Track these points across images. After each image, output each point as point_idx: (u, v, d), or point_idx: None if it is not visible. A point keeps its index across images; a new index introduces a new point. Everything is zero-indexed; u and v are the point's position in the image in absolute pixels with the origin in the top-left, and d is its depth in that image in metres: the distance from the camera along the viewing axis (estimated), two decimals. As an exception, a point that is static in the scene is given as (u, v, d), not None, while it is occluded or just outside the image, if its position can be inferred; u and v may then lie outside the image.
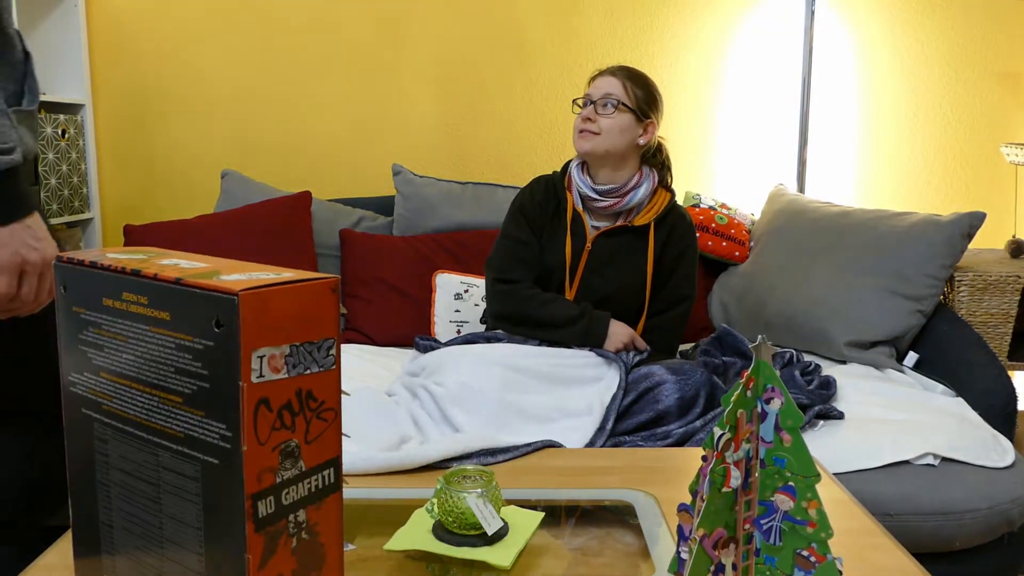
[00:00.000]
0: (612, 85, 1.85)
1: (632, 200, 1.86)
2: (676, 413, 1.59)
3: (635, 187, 1.87)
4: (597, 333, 1.80)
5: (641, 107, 1.85)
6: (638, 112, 1.84)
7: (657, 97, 1.89)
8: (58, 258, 0.77)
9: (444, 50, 2.75)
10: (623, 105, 1.83)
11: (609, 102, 1.83)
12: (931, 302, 2.05)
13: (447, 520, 0.99)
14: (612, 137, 1.83)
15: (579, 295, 1.87)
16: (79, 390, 0.77)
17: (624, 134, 1.84)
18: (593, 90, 1.87)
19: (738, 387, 0.74)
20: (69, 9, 2.62)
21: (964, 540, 1.49)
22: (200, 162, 2.79)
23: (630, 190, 1.86)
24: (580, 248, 1.88)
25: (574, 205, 1.89)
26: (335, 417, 0.72)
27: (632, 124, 1.84)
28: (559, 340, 1.82)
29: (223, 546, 0.67)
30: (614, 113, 1.83)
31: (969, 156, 2.78)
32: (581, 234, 1.88)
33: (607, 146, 1.84)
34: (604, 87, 1.85)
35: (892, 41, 2.74)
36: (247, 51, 2.74)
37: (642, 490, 1.16)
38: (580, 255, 1.87)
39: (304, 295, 0.68)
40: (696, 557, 0.73)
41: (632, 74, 1.87)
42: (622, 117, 1.83)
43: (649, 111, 1.86)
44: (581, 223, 1.89)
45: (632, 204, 1.87)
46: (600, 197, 1.86)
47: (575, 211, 1.89)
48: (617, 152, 1.85)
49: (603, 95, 1.84)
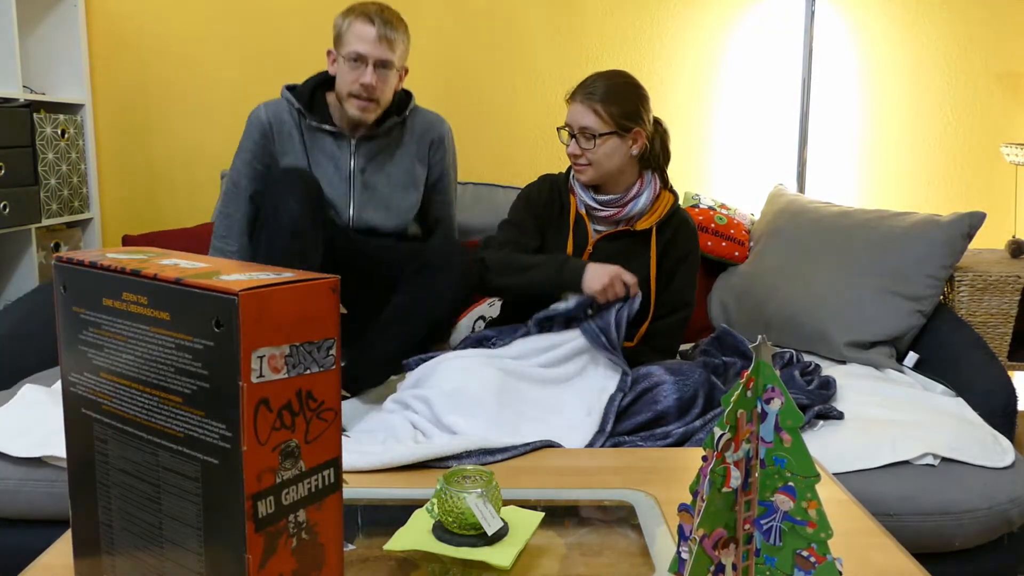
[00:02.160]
0: (584, 116, 1.79)
1: (633, 209, 1.86)
2: (675, 414, 1.59)
3: (636, 196, 1.86)
4: (573, 268, 1.75)
5: (621, 124, 1.80)
6: (619, 131, 1.81)
7: (636, 101, 1.82)
8: (58, 258, 0.77)
9: (444, 50, 2.75)
10: (602, 134, 1.79)
11: (588, 135, 1.80)
12: (931, 302, 2.05)
13: (447, 520, 0.99)
14: (603, 164, 1.82)
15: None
16: (79, 390, 0.77)
17: (613, 157, 1.82)
18: (569, 119, 1.82)
19: (738, 387, 0.74)
20: (69, 9, 2.62)
21: (964, 540, 1.49)
22: (200, 162, 2.79)
23: (631, 199, 1.86)
24: (581, 251, 1.88)
25: (577, 208, 1.89)
26: (335, 417, 0.72)
27: (618, 144, 1.82)
28: (536, 284, 1.77)
29: (223, 546, 0.67)
30: (597, 144, 1.80)
31: (969, 156, 2.78)
32: (583, 236, 1.88)
33: (602, 173, 1.84)
34: (578, 119, 1.80)
35: (892, 41, 2.74)
36: (247, 51, 2.74)
37: (642, 490, 1.16)
38: (580, 257, 1.87)
39: (304, 295, 0.68)
40: (696, 557, 0.73)
41: (602, 92, 1.79)
42: (606, 144, 1.80)
43: (631, 123, 1.81)
44: (584, 226, 1.89)
45: (633, 212, 1.87)
46: (602, 207, 1.87)
47: (578, 214, 1.89)
48: (614, 172, 1.85)
49: (580, 128, 1.80)
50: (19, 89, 2.34)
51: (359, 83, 1.81)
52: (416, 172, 1.98)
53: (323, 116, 1.92)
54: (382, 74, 1.83)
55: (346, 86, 1.84)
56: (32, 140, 2.41)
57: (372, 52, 1.80)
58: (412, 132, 1.98)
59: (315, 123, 1.91)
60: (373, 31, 1.80)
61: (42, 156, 2.46)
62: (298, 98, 1.93)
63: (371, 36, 1.80)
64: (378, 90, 1.83)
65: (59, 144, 2.54)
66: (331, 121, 1.92)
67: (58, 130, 2.53)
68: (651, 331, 1.87)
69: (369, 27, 1.80)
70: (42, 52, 2.64)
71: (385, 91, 1.85)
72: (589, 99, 1.79)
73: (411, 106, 1.98)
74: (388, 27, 1.81)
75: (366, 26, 1.80)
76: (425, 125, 1.99)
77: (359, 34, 1.81)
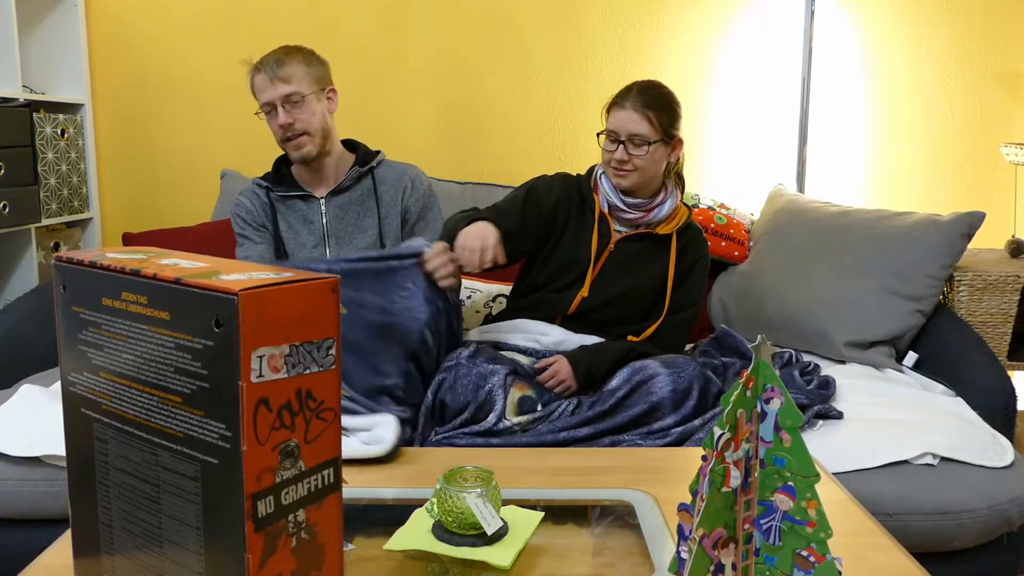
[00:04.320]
0: (637, 124, 1.79)
1: (658, 215, 1.89)
2: (670, 406, 1.59)
3: (661, 203, 1.89)
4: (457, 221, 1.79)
5: (668, 132, 1.83)
6: (666, 139, 1.83)
7: (677, 108, 1.86)
8: (57, 258, 0.77)
9: (444, 51, 2.75)
10: (653, 142, 1.81)
11: (639, 141, 1.80)
12: (931, 302, 2.05)
13: (447, 520, 0.99)
14: (648, 171, 1.84)
15: (591, 292, 1.88)
16: (79, 390, 0.77)
17: (658, 163, 1.85)
18: (616, 126, 1.82)
19: (738, 387, 0.74)
20: (69, 9, 2.62)
21: (963, 540, 1.49)
22: (200, 162, 2.79)
23: (656, 205, 1.89)
24: (603, 248, 1.90)
25: (601, 207, 1.90)
26: (335, 417, 0.72)
27: (664, 152, 1.85)
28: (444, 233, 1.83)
29: (223, 546, 0.67)
30: (648, 151, 1.81)
31: (969, 156, 2.78)
32: (606, 235, 1.90)
33: (645, 179, 1.85)
34: (629, 126, 1.80)
35: (892, 40, 2.74)
36: (247, 51, 2.74)
37: (642, 490, 1.16)
38: (601, 255, 1.89)
39: (304, 295, 0.68)
40: (696, 557, 0.73)
41: (651, 99, 1.81)
42: (655, 151, 1.82)
43: (675, 131, 1.85)
44: (607, 225, 1.90)
45: (658, 218, 1.89)
46: (628, 209, 1.88)
47: (602, 213, 1.90)
48: (654, 178, 1.87)
49: (630, 135, 1.80)
50: (19, 89, 2.34)
51: (279, 127, 1.85)
52: (391, 220, 1.95)
53: (290, 184, 1.96)
54: (294, 108, 1.85)
55: (276, 137, 1.89)
56: (32, 140, 2.41)
57: (272, 96, 1.84)
58: (383, 182, 1.96)
59: (282, 192, 1.94)
60: (264, 78, 1.85)
61: (42, 156, 2.46)
62: (264, 177, 1.98)
63: (264, 83, 1.85)
64: (297, 122, 1.85)
65: (59, 144, 2.54)
66: (298, 186, 1.95)
67: (58, 130, 2.53)
68: (660, 327, 1.89)
69: (259, 76, 1.86)
70: (42, 52, 2.64)
71: (308, 120, 1.86)
72: (641, 105, 1.80)
73: (379, 159, 1.98)
74: (276, 66, 1.84)
75: (257, 76, 1.87)
76: (395, 174, 1.98)
77: (258, 87, 1.87)
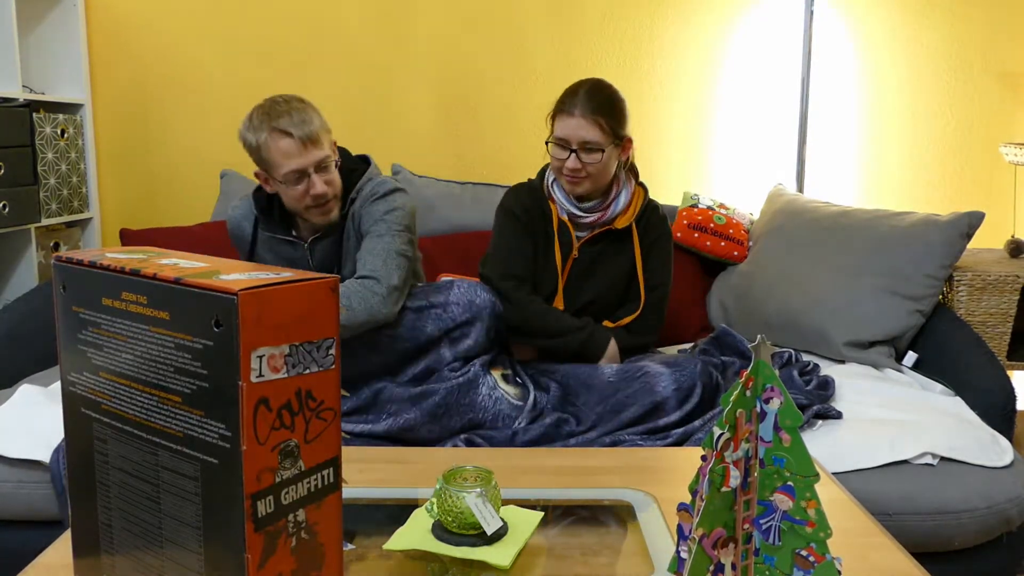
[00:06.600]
0: (586, 130, 1.75)
1: (615, 211, 1.87)
2: (674, 404, 1.59)
3: (615, 198, 1.87)
4: (598, 344, 1.80)
5: (618, 134, 1.79)
6: (616, 141, 1.80)
7: (625, 109, 1.81)
8: (57, 258, 0.77)
9: (444, 50, 2.75)
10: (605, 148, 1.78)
11: (591, 148, 1.77)
12: (930, 302, 2.05)
13: (446, 520, 0.99)
14: (601, 177, 1.82)
15: (566, 301, 1.88)
16: (78, 390, 0.77)
17: (610, 165, 1.82)
18: (566, 134, 1.77)
19: (737, 387, 0.74)
20: (69, 9, 2.62)
21: (963, 540, 1.49)
22: (200, 162, 2.79)
23: (611, 202, 1.87)
24: (566, 257, 1.89)
25: (559, 216, 1.89)
26: (334, 417, 0.72)
27: (615, 153, 1.82)
28: (555, 349, 1.82)
29: (223, 546, 0.67)
30: (599, 157, 1.78)
31: (969, 156, 2.78)
32: (568, 243, 1.89)
33: (598, 185, 1.84)
34: (580, 133, 1.75)
35: (892, 41, 2.74)
36: (247, 50, 2.74)
37: (642, 490, 1.16)
38: (566, 263, 1.88)
39: (304, 295, 0.68)
40: (695, 557, 0.73)
41: (600, 104, 1.76)
42: (607, 156, 1.79)
43: (623, 130, 1.81)
44: (568, 232, 1.89)
45: (615, 214, 1.87)
46: (585, 214, 1.87)
47: (560, 221, 1.88)
48: (607, 182, 1.85)
49: (581, 142, 1.76)
50: (19, 89, 2.34)
51: (311, 195, 1.67)
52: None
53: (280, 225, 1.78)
54: (326, 173, 1.68)
55: (299, 203, 1.70)
56: (32, 140, 2.41)
57: (307, 162, 1.63)
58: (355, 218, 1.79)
59: (269, 234, 1.79)
60: (294, 143, 1.61)
61: (41, 156, 2.46)
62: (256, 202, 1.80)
63: (295, 149, 1.62)
64: (331, 189, 1.70)
65: (58, 143, 2.54)
66: (287, 230, 1.79)
67: (57, 130, 2.53)
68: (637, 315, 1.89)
69: (288, 140, 1.61)
70: (42, 52, 2.64)
71: (336, 182, 1.72)
72: (592, 112, 1.75)
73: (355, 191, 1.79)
74: (304, 126, 1.62)
75: (283, 140, 1.61)
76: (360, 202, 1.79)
77: (283, 152, 1.62)
